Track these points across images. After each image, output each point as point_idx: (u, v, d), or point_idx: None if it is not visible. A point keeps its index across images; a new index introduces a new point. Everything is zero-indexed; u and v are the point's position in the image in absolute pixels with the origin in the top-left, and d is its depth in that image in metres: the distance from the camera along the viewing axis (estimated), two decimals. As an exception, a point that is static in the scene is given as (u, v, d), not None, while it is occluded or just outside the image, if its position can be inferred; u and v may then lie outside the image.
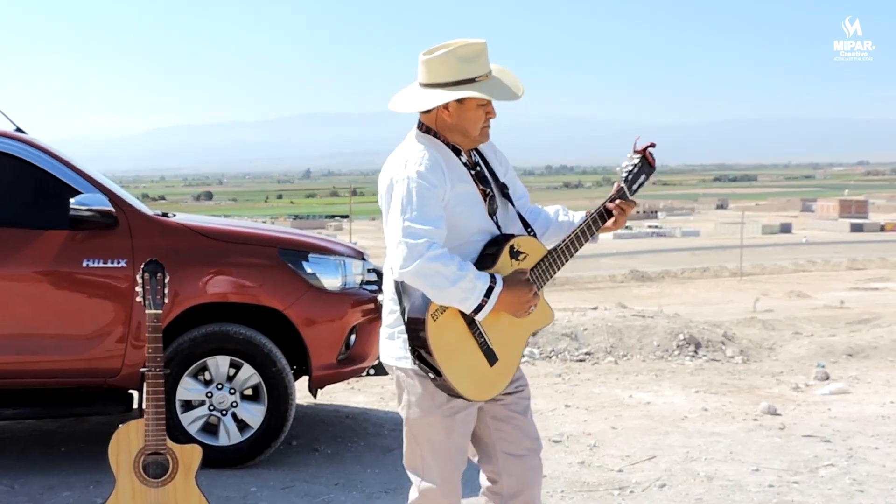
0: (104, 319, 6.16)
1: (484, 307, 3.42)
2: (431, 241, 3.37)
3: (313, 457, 6.69)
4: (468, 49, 3.49)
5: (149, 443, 4.38)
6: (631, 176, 3.74)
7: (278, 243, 6.53)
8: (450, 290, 3.37)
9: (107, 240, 6.16)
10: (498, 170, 3.79)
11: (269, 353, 6.29)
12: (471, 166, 3.66)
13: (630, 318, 11.63)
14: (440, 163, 3.52)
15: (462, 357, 3.50)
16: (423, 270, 3.34)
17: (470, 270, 3.40)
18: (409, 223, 3.39)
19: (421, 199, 3.42)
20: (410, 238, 3.37)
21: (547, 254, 3.64)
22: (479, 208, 3.62)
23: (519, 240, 3.62)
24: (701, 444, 6.98)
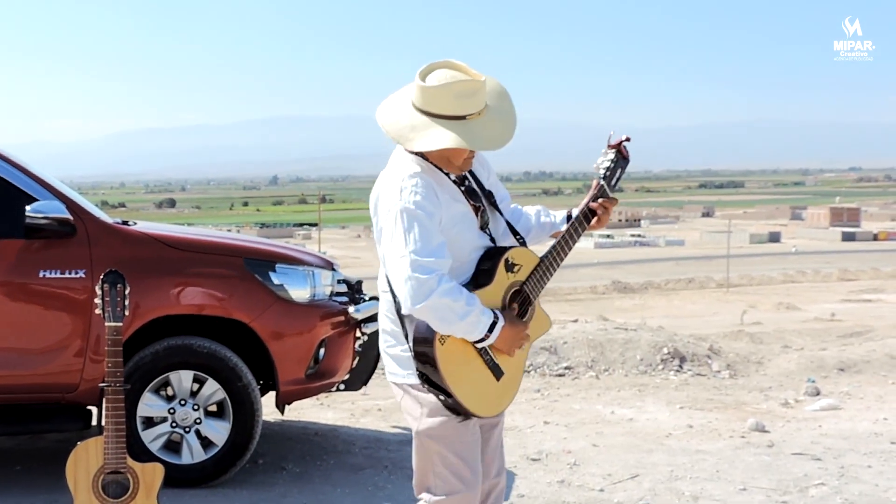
0: (61, 332, 6.15)
1: (485, 341, 3.56)
2: (440, 274, 3.47)
3: (281, 476, 6.69)
4: (466, 86, 3.53)
5: (108, 461, 4.38)
6: (608, 172, 3.80)
7: (244, 253, 6.53)
8: (457, 325, 3.49)
9: (64, 249, 6.15)
10: (482, 176, 3.86)
11: (234, 367, 6.29)
12: (460, 182, 3.73)
13: (612, 331, 11.67)
14: (433, 187, 3.59)
15: (470, 376, 3.62)
16: (436, 306, 3.45)
17: (476, 305, 3.51)
18: (415, 257, 3.46)
19: (423, 231, 3.50)
20: (420, 273, 3.45)
21: (539, 262, 3.73)
22: (472, 225, 3.71)
23: (513, 252, 3.71)
24: (686, 463, 7.01)
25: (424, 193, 3.55)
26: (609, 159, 3.81)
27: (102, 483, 4.39)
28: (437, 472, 3.75)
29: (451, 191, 3.67)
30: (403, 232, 3.50)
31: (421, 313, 3.49)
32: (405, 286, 3.47)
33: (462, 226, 3.66)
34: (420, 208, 3.51)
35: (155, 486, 4.45)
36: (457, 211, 3.65)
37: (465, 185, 3.75)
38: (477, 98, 3.55)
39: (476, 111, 3.55)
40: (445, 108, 3.53)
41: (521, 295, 3.71)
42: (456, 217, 3.64)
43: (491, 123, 3.59)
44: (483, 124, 3.56)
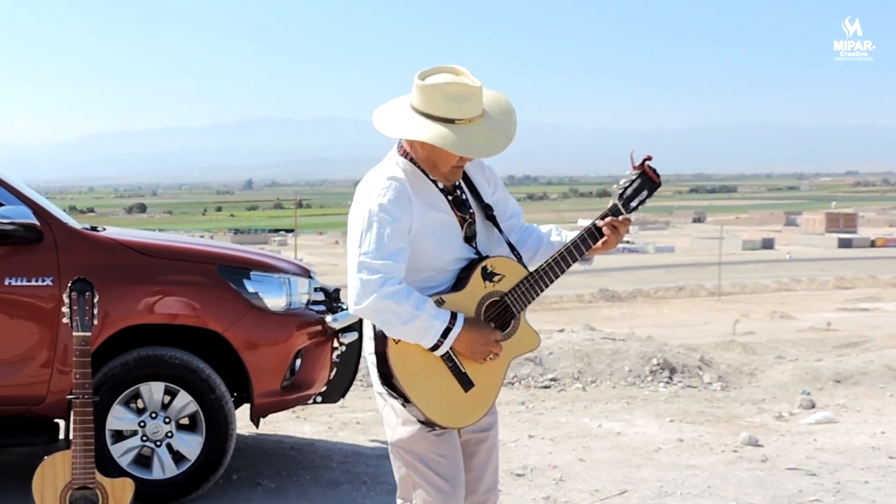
0: (27, 342, 6.14)
1: (440, 347, 3.55)
2: (387, 276, 3.50)
3: (255, 492, 6.69)
4: (458, 89, 3.55)
5: (76, 476, 4.38)
6: (629, 192, 3.76)
7: (217, 259, 6.54)
8: (403, 329, 3.52)
9: (31, 256, 6.14)
10: (484, 190, 3.87)
11: (207, 378, 6.29)
12: (449, 191, 3.74)
13: (599, 341, 11.70)
14: (407, 193, 3.62)
15: (430, 382, 3.61)
16: (376, 307, 3.50)
17: (425, 310, 3.51)
18: (364, 258, 3.53)
19: (380, 233, 3.55)
20: (365, 273, 3.51)
21: (527, 276, 3.71)
22: (454, 236, 3.72)
23: (493, 260, 3.70)
24: (676, 478, 7.04)
25: (394, 197, 3.59)
26: (631, 179, 3.78)
27: (70, 499, 4.39)
28: (416, 483, 3.78)
29: (433, 198, 3.69)
30: (362, 232, 3.57)
31: (364, 314, 3.56)
32: (350, 285, 3.55)
33: (440, 236, 3.68)
34: (384, 211, 3.56)
35: (125, 501, 4.45)
36: (434, 219, 3.67)
37: (455, 195, 3.76)
38: (469, 104, 3.56)
39: (467, 117, 3.56)
40: (436, 108, 3.55)
41: (501, 305, 3.70)
42: (433, 226, 3.66)
43: (481, 132, 3.59)
44: (472, 131, 3.57)
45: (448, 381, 3.63)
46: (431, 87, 3.55)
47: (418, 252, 3.64)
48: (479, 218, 3.80)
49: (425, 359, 3.59)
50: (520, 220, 3.99)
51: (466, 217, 3.75)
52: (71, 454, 4.39)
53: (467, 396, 3.66)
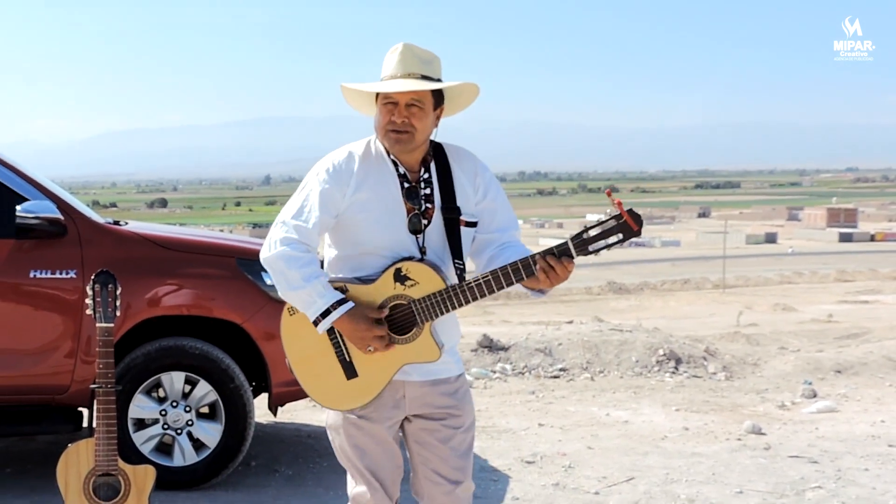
0: (52, 333, 6.15)
1: (319, 324, 3.54)
2: (292, 238, 3.54)
3: (273, 478, 6.69)
4: (390, 49, 3.63)
5: (99, 463, 4.38)
6: (592, 233, 3.42)
7: (237, 253, 6.53)
8: (289, 294, 3.58)
9: (55, 249, 6.15)
10: (466, 194, 3.71)
11: (226, 368, 6.29)
12: (410, 180, 3.66)
13: (607, 333, 11.69)
14: (352, 166, 3.62)
15: (317, 360, 3.65)
16: (272, 265, 3.57)
17: (313, 285, 3.51)
18: (284, 213, 3.61)
19: (307, 195, 3.61)
20: (277, 228, 3.59)
21: (443, 290, 3.53)
22: (394, 222, 3.62)
23: (410, 264, 3.57)
24: (682, 466, 7.02)
25: (336, 166, 3.62)
26: (601, 220, 3.42)
27: (94, 485, 4.38)
28: (345, 466, 3.83)
29: (383, 179, 3.63)
30: (299, 191, 3.64)
31: (265, 266, 3.61)
32: (266, 238, 3.62)
33: (376, 216, 3.60)
34: (319, 175, 3.62)
35: (146, 488, 4.45)
36: (372, 198, 3.60)
37: (413, 185, 3.66)
38: (394, 61, 3.59)
39: (390, 74, 3.58)
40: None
41: (407, 310, 3.56)
42: (368, 204, 3.60)
43: (395, 84, 3.56)
44: (385, 85, 3.57)
45: (333, 364, 3.63)
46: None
47: (351, 227, 3.61)
48: (437, 216, 3.66)
49: (316, 339, 3.62)
50: (504, 234, 3.75)
51: (416, 208, 3.63)
52: (94, 442, 4.39)
53: (349, 384, 3.63)
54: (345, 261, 3.64)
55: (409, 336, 3.57)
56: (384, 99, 3.56)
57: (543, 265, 3.44)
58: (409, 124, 3.55)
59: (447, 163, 3.72)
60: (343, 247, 3.66)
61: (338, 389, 3.64)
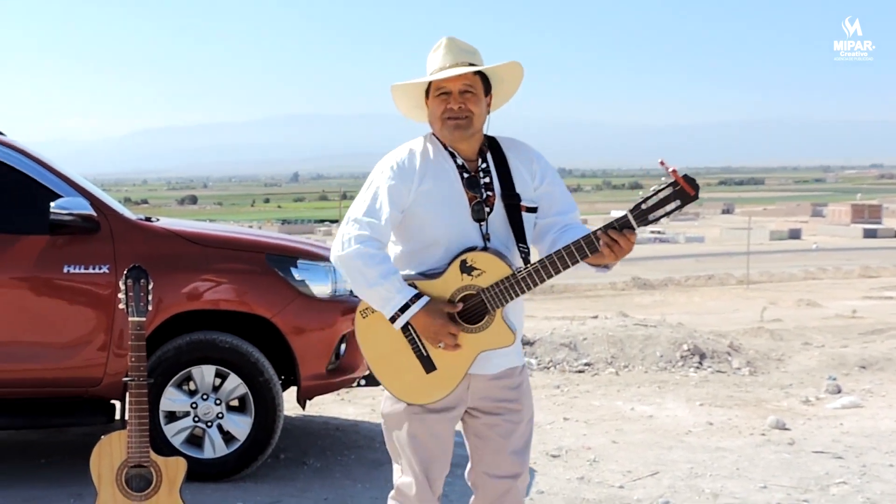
0: (85, 327, 6.19)
1: (397, 320, 3.56)
2: (367, 235, 3.56)
3: (302, 471, 6.71)
4: (433, 47, 3.70)
5: (132, 455, 4.41)
6: (650, 203, 3.45)
7: (266, 249, 6.56)
8: (366, 292, 3.58)
9: (88, 245, 6.19)
10: (524, 181, 3.76)
11: (256, 362, 6.32)
12: (469, 170, 3.70)
13: (632, 328, 11.66)
14: (414, 160, 3.67)
15: (394, 357, 3.65)
16: (348, 263, 3.58)
17: (391, 281, 3.53)
18: (354, 212, 3.62)
19: (374, 194, 3.63)
20: (349, 226, 3.59)
21: (509, 275, 3.57)
22: (457, 211, 3.66)
23: (475, 254, 3.60)
24: (706, 460, 7.00)
25: (400, 162, 3.66)
26: (658, 189, 3.45)
27: (126, 476, 4.41)
28: (396, 457, 3.83)
29: (444, 172, 3.68)
30: (365, 189, 3.67)
31: (338, 264, 3.62)
32: (337, 235, 3.63)
33: (436, 206, 3.64)
34: (384, 175, 3.65)
35: (177, 480, 4.47)
36: (435, 189, 3.65)
37: (473, 174, 3.71)
38: (440, 54, 3.66)
39: (438, 66, 3.65)
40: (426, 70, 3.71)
41: (477, 300, 3.59)
42: (432, 195, 3.64)
43: (450, 70, 3.63)
44: (436, 75, 3.65)
45: (410, 360, 3.64)
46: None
47: (416, 220, 3.65)
48: (498, 203, 3.70)
49: (391, 336, 3.63)
50: (565, 217, 3.77)
51: (478, 197, 3.67)
52: (126, 434, 4.41)
53: (428, 378, 3.65)
54: (410, 256, 3.67)
55: (481, 325, 3.61)
56: (437, 90, 3.64)
57: (607, 240, 3.48)
58: (465, 109, 3.62)
59: (502, 152, 3.78)
60: (408, 242, 3.69)
61: (418, 384, 3.66)
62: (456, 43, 3.67)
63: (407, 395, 3.68)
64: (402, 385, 3.67)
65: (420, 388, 3.66)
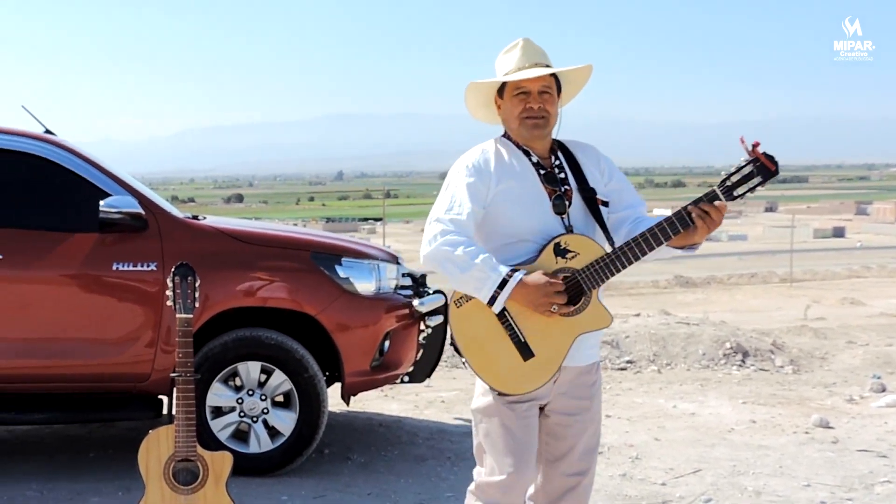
0: (134, 323, 6.24)
1: (497, 299, 3.53)
2: (450, 229, 3.58)
3: (346, 466, 6.73)
4: (507, 48, 3.75)
5: (179, 449, 4.43)
6: (734, 179, 3.52)
7: (311, 247, 6.58)
8: (461, 277, 3.55)
9: (137, 243, 6.24)
10: (594, 177, 3.82)
11: (300, 358, 6.34)
12: (544, 167, 3.76)
13: (674, 326, 11.60)
14: (489, 160, 3.71)
15: (490, 347, 3.61)
16: (437, 255, 3.58)
17: (483, 260, 3.53)
18: (437, 211, 3.65)
19: (455, 191, 3.67)
20: (434, 225, 3.62)
21: (603, 255, 3.61)
22: (538, 206, 3.70)
23: (567, 237, 3.64)
24: (749, 458, 6.96)
25: (476, 162, 3.70)
26: (739, 166, 3.52)
27: (173, 470, 4.44)
28: (487, 451, 3.80)
29: (520, 169, 3.73)
30: (444, 190, 3.71)
31: (427, 262, 3.64)
32: (423, 236, 3.65)
33: (517, 203, 3.68)
34: (463, 172, 3.69)
35: (224, 474, 4.50)
36: (514, 187, 3.69)
37: (549, 170, 3.76)
38: (514, 55, 3.71)
39: (515, 67, 3.69)
40: (496, 73, 3.76)
41: (572, 282, 3.60)
42: (510, 192, 3.69)
43: (524, 71, 3.68)
44: (516, 75, 3.68)
45: (507, 348, 3.60)
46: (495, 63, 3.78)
47: (499, 217, 3.68)
48: (576, 197, 3.75)
49: (487, 325, 3.59)
50: (635, 211, 3.85)
51: (557, 190, 3.72)
52: (174, 428, 4.44)
53: (526, 365, 3.61)
54: (496, 252, 3.65)
55: (578, 307, 3.61)
56: (516, 90, 3.69)
57: (699, 212, 3.54)
58: (543, 109, 3.70)
59: (569, 152, 3.85)
60: (492, 239, 3.70)
61: (516, 372, 3.62)
62: (532, 44, 3.73)
63: (504, 386, 3.65)
64: (498, 375, 3.63)
65: (517, 377, 3.63)
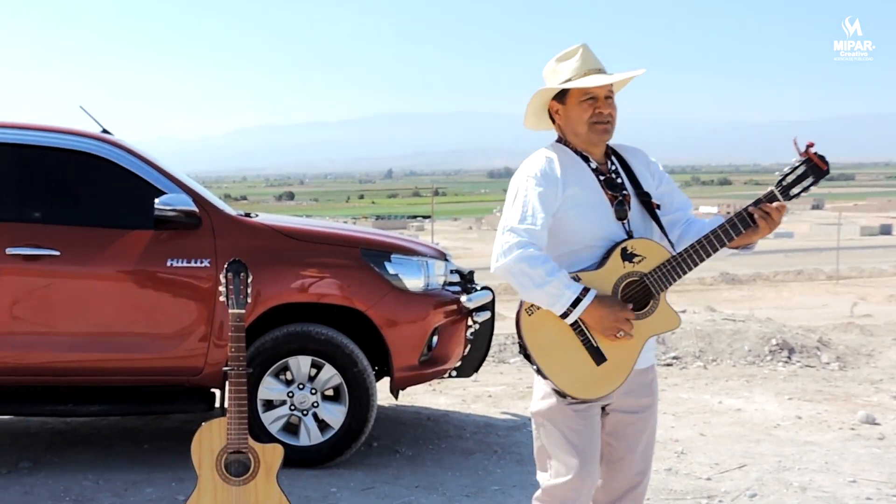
0: (187, 318, 6.29)
1: (569, 315, 3.52)
2: (527, 241, 3.53)
3: (394, 458, 6.75)
4: (564, 53, 3.72)
5: (231, 441, 4.46)
6: (790, 179, 3.55)
7: (361, 244, 6.60)
8: (534, 293, 3.52)
9: (190, 240, 6.29)
10: (647, 181, 3.82)
11: (350, 353, 6.37)
12: (602, 172, 3.74)
13: (720, 322, 11.52)
14: (555, 167, 3.67)
15: (562, 353, 3.59)
16: (512, 268, 3.53)
17: (558, 277, 3.50)
18: (510, 221, 3.60)
19: (526, 201, 3.61)
20: (508, 235, 3.57)
21: (670, 258, 3.62)
22: (601, 212, 3.68)
23: (634, 242, 3.64)
24: (794, 454, 6.90)
25: (543, 170, 3.65)
26: (794, 166, 3.55)
27: (225, 462, 4.47)
28: (551, 454, 3.77)
29: (582, 176, 3.71)
30: (512, 199, 3.65)
31: (500, 273, 3.58)
32: (495, 245, 3.61)
33: (583, 209, 3.66)
34: (531, 182, 3.64)
35: (275, 466, 4.52)
36: (580, 194, 3.67)
37: (608, 175, 3.75)
38: (574, 60, 3.69)
39: (579, 73, 3.67)
40: (553, 80, 3.72)
41: (640, 286, 3.62)
42: (578, 200, 3.66)
43: (597, 77, 3.66)
44: (589, 78, 3.66)
45: (580, 353, 3.59)
46: (546, 67, 3.75)
47: (564, 224, 3.65)
48: (634, 201, 3.75)
49: (559, 331, 3.58)
50: (686, 213, 3.87)
51: (618, 196, 3.71)
52: (226, 421, 4.47)
53: (599, 370, 3.60)
54: (561, 259, 3.63)
55: (647, 310, 3.63)
56: (585, 96, 3.66)
57: (761, 213, 3.56)
58: (610, 115, 3.70)
59: (621, 156, 3.84)
60: (558, 245, 3.67)
61: (591, 378, 3.62)
62: (590, 50, 3.72)
63: (579, 391, 3.63)
64: (572, 380, 3.61)
65: (592, 382, 3.63)
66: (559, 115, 3.75)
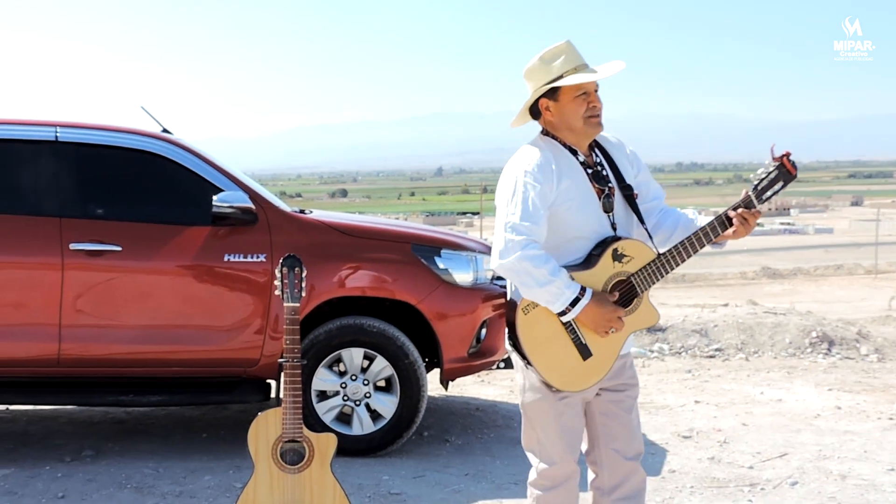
0: (244, 312, 6.31)
1: (567, 314, 3.56)
2: (530, 239, 3.54)
3: (444, 447, 6.74)
4: (550, 52, 3.68)
5: (286, 430, 4.47)
6: (763, 184, 3.65)
7: (411, 239, 6.60)
8: (536, 291, 3.54)
9: (247, 235, 6.31)
10: (627, 171, 3.84)
11: (401, 345, 6.36)
12: (589, 165, 3.75)
13: (761, 315, 11.40)
14: (549, 162, 3.65)
15: (552, 349, 3.64)
16: (515, 267, 3.53)
17: (560, 277, 3.52)
18: (510, 218, 3.58)
19: (525, 197, 3.59)
20: (510, 233, 3.56)
21: (655, 259, 3.69)
22: (590, 206, 3.70)
23: (624, 243, 3.68)
24: (834, 443, 6.82)
25: (538, 165, 3.63)
26: (768, 171, 3.65)
27: (281, 451, 4.48)
28: (542, 441, 3.81)
29: (572, 169, 3.70)
30: (509, 195, 3.63)
31: (502, 271, 3.59)
32: (495, 243, 3.60)
33: (575, 203, 3.66)
34: (529, 176, 3.62)
35: (329, 454, 4.52)
36: (571, 188, 3.66)
37: (595, 168, 3.76)
38: (565, 58, 3.65)
39: (570, 68, 3.64)
40: (542, 77, 3.67)
41: (627, 285, 3.68)
42: (568, 192, 3.66)
43: (589, 73, 3.65)
44: (581, 74, 3.63)
45: (569, 349, 3.65)
46: (531, 65, 3.71)
47: (557, 216, 3.65)
48: (617, 194, 3.77)
49: (551, 329, 3.62)
50: (660, 202, 3.95)
51: (605, 189, 3.73)
52: (281, 411, 4.47)
53: (585, 364, 3.67)
54: (552, 251, 3.64)
55: (631, 308, 3.69)
56: (579, 91, 3.65)
57: (740, 218, 3.65)
58: (601, 108, 3.70)
59: (602, 147, 3.84)
60: (551, 237, 3.67)
61: (576, 371, 3.67)
62: (573, 45, 3.71)
63: (566, 385, 3.69)
64: (559, 374, 3.67)
65: (577, 375, 3.68)
66: (550, 111, 3.72)
